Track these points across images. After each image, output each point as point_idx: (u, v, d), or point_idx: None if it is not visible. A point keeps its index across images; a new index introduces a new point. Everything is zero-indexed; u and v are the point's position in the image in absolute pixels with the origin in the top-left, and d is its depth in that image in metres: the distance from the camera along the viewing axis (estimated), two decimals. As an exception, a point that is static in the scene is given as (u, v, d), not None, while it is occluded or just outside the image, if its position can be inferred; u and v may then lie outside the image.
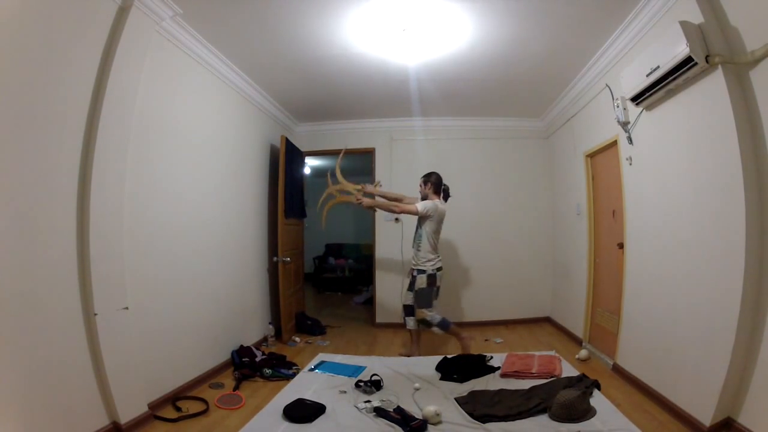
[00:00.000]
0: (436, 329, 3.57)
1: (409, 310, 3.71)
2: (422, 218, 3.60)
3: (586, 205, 4.02)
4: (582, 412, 1.98)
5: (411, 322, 3.70)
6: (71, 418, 2.06)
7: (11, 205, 1.82)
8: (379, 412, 2.10)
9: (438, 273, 3.60)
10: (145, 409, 2.48)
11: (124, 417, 2.30)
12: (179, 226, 2.99)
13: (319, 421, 2.05)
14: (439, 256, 3.64)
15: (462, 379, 2.60)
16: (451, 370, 2.70)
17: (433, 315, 3.56)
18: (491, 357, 2.94)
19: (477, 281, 5.12)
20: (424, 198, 3.70)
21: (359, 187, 3.85)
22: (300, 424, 2.00)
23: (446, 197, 3.81)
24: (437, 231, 3.64)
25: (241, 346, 3.66)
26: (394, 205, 3.71)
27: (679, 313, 2.50)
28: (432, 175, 3.71)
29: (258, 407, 2.47)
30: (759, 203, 2.03)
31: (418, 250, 3.60)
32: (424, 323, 3.60)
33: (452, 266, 5.11)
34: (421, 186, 3.73)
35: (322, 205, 3.94)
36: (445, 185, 3.79)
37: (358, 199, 3.72)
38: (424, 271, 3.56)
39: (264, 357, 3.58)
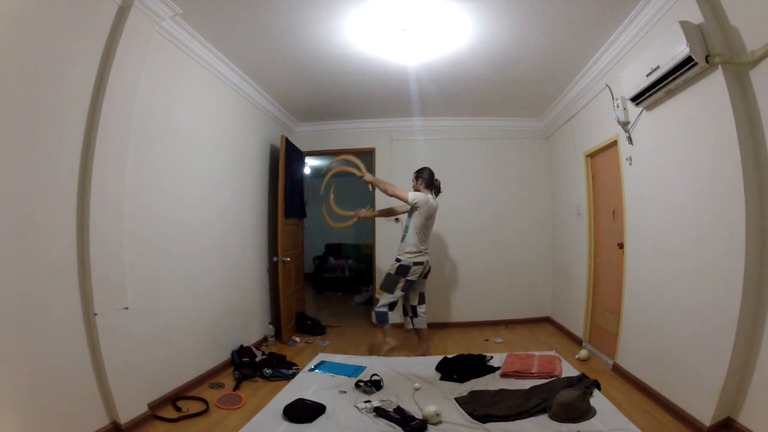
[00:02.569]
0: (373, 314, 3.59)
1: (413, 310, 3.68)
2: (411, 209, 3.59)
3: (586, 205, 4.02)
4: (582, 412, 1.98)
5: (418, 321, 3.67)
6: (71, 418, 2.06)
7: (11, 205, 1.82)
8: (379, 412, 2.10)
9: (414, 267, 3.53)
10: (145, 409, 2.48)
11: (124, 417, 2.30)
12: (179, 226, 2.99)
13: (319, 421, 2.05)
14: (422, 252, 3.58)
15: (462, 379, 2.59)
16: (451, 370, 2.70)
17: (382, 302, 3.56)
18: (491, 357, 2.94)
19: (477, 281, 5.12)
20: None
21: (361, 173, 3.86)
22: (300, 424, 2.00)
23: (437, 192, 3.79)
24: (426, 226, 3.59)
25: (241, 346, 3.66)
26: (390, 186, 3.64)
27: (679, 313, 2.50)
28: (424, 170, 3.71)
29: (258, 407, 2.47)
30: (759, 203, 2.03)
31: (401, 241, 3.64)
32: (374, 302, 3.64)
33: (452, 266, 5.11)
34: (413, 181, 3.74)
35: (327, 168, 4.11)
36: (436, 180, 3.76)
37: (361, 173, 3.79)
38: (399, 260, 3.57)
39: (264, 357, 3.58)
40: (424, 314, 3.70)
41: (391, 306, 3.57)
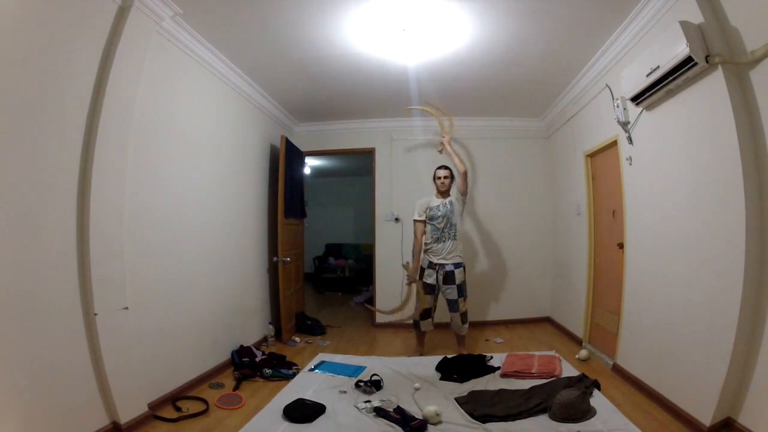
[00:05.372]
0: (467, 326, 3.66)
1: (427, 313, 3.66)
2: (458, 206, 3.63)
3: (586, 205, 4.02)
4: (582, 412, 1.98)
5: (429, 324, 3.71)
6: (71, 418, 2.06)
7: (11, 204, 1.82)
8: (379, 412, 2.11)
9: None
10: (145, 409, 2.48)
11: (124, 417, 2.30)
12: (179, 226, 2.99)
13: (319, 421, 2.05)
14: None
15: (462, 379, 2.60)
16: (451, 370, 2.71)
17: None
18: (491, 357, 2.95)
19: (477, 281, 5.11)
20: (447, 190, 3.72)
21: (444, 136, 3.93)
22: (300, 424, 2.01)
23: None
24: None
25: (241, 346, 3.66)
26: (463, 167, 3.69)
27: (679, 313, 2.50)
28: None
29: (258, 407, 2.47)
30: (759, 203, 2.03)
31: (455, 240, 3.59)
32: (465, 317, 3.63)
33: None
34: (448, 178, 3.71)
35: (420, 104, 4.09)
36: None
37: (444, 136, 3.86)
38: (462, 264, 3.62)
39: (264, 357, 3.58)
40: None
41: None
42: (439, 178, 3.73)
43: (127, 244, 2.43)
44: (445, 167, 3.78)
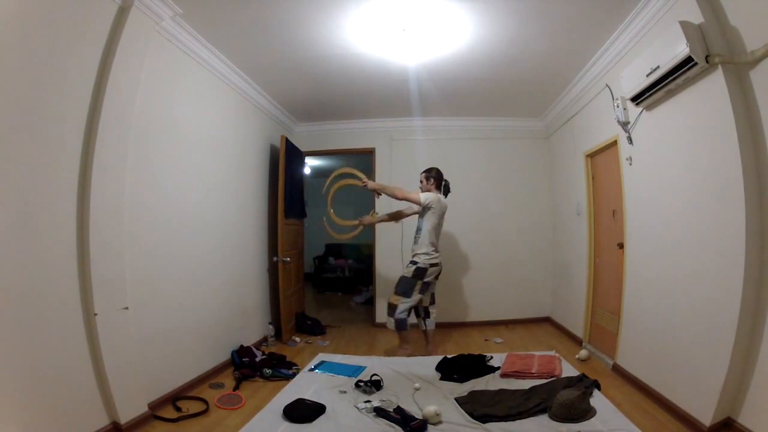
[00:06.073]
0: (390, 321, 3.50)
1: (425, 311, 3.67)
2: (424, 210, 3.57)
3: (586, 205, 4.02)
4: (582, 412, 1.98)
5: (429, 322, 3.67)
6: (71, 418, 2.06)
7: (11, 204, 1.82)
8: (379, 412, 2.10)
9: (431, 268, 3.52)
10: (145, 409, 2.48)
11: (124, 417, 2.30)
12: (179, 226, 2.99)
13: (319, 421, 2.05)
14: (437, 253, 3.58)
15: (462, 379, 2.59)
16: (451, 370, 2.70)
17: (402, 308, 3.47)
18: (491, 357, 2.94)
19: (477, 281, 5.12)
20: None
21: (364, 182, 3.82)
22: (300, 424, 2.00)
23: (447, 192, 3.82)
24: (438, 226, 3.61)
25: (241, 346, 3.66)
26: (398, 189, 3.63)
27: (679, 313, 2.50)
28: (433, 170, 3.73)
29: (258, 407, 2.47)
30: (759, 203, 2.03)
31: (415, 243, 3.60)
32: (390, 309, 3.51)
33: (452, 266, 5.10)
34: (422, 181, 3.72)
35: (329, 186, 4.00)
36: (445, 180, 3.80)
37: (364, 182, 3.76)
38: (415, 263, 3.52)
39: (264, 357, 3.58)
40: (434, 315, 3.73)
41: (409, 311, 3.52)
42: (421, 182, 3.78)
43: (127, 244, 2.43)
44: (422, 171, 3.77)
